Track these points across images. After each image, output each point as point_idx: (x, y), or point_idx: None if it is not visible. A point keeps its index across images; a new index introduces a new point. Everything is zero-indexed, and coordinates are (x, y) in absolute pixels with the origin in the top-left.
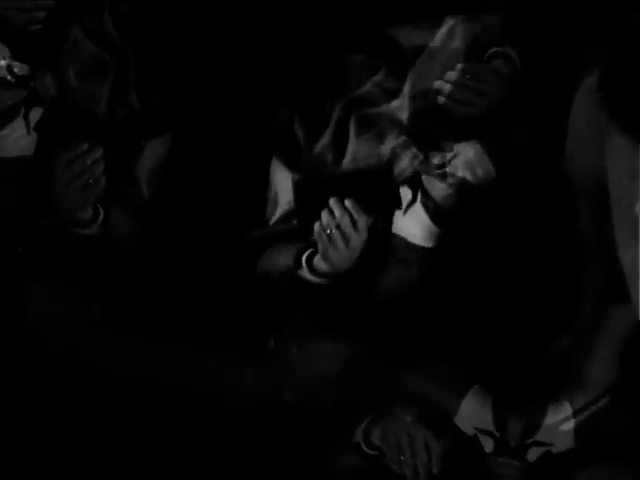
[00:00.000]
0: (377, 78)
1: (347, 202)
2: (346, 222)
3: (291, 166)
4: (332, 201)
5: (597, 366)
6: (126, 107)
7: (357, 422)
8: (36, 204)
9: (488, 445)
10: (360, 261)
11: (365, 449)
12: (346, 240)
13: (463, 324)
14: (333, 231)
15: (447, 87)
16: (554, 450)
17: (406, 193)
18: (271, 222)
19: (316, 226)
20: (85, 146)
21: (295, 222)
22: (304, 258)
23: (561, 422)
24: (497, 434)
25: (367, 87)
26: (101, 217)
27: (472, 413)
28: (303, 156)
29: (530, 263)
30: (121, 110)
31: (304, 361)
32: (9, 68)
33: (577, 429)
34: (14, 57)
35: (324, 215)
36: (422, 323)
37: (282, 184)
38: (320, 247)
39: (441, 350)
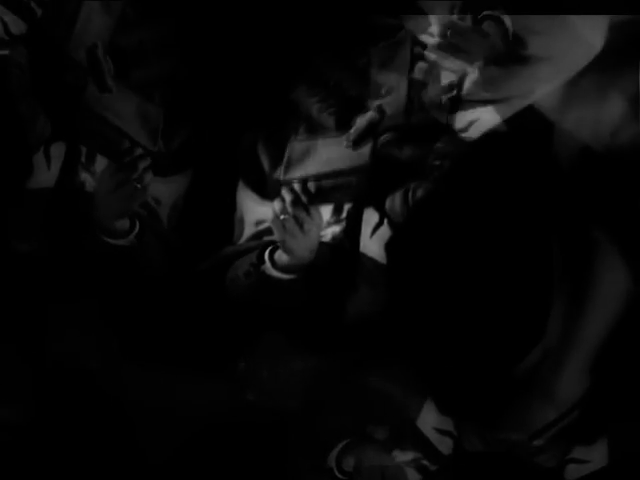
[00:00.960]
0: (319, 105)
1: (297, 188)
2: (298, 208)
3: (256, 189)
4: (283, 189)
5: (567, 380)
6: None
7: (330, 446)
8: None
9: (447, 446)
10: (330, 281)
11: (337, 475)
12: (300, 225)
13: (431, 340)
14: (287, 218)
15: (429, 40)
16: (591, 468)
17: (372, 215)
18: (239, 243)
19: (270, 215)
20: (139, 151)
21: (264, 240)
22: (267, 253)
23: None
24: (456, 433)
25: (315, 111)
26: (137, 229)
27: (433, 415)
28: (268, 178)
29: (499, 279)
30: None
31: (275, 382)
32: (5, 27)
33: (611, 447)
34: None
35: (276, 203)
36: (390, 340)
37: (248, 206)
38: (277, 236)
39: (407, 360)
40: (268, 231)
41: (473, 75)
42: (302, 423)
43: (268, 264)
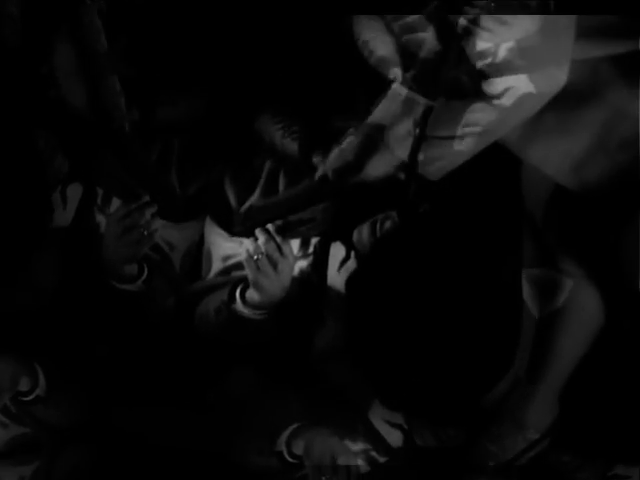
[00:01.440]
0: (282, 131)
1: (270, 228)
2: (272, 247)
3: (223, 225)
4: (257, 230)
5: (536, 409)
6: (166, 186)
7: (280, 429)
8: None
9: (397, 439)
10: (298, 315)
11: (287, 457)
12: (274, 265)
13: (400, 369)
14: (260, 257)
15: (471, 11)
16: None
17: (339, 249)
18: (207, 278)
19: (244, 255)
20: (147, 198)
21: (233, 275)
22: (238, 291)
23: None
24: (406, 427)
25: (278, 138)
26: (145, 274)
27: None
28: (235, 213)
29: (468, 311)
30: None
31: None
32: None
33: None
34: None
35: (250, 243)
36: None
37: (216, 242)
38: (250, 276)
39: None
40: (236, 266)
41: (509, 43)
42: (252, 406)
43: (239, 302)
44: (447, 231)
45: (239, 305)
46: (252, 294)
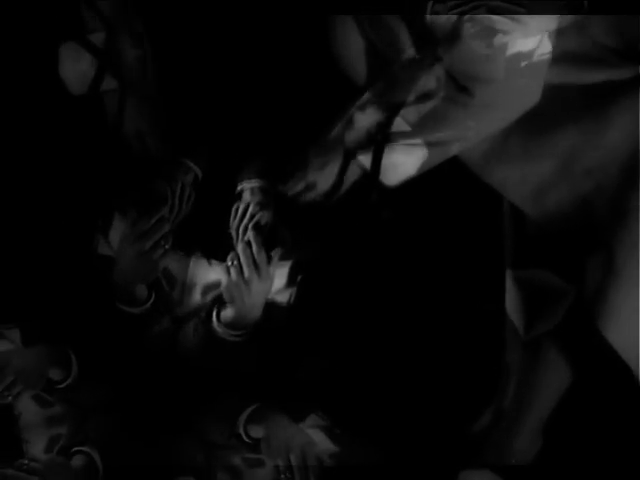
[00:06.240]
0: None
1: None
2: (247, 257)
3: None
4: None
5: (520, 441)
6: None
7: (240, 410)
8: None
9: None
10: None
11: (245, 439)
12: (246, 281)
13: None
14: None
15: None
16: None
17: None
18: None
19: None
20: (164, 211)
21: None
22: (215, 310)
23: None
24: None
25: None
26: (153, 299)
27: None
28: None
29: (450, 344)
30: None
31: None
32: None
33: None
34: None
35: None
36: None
37: (199, 272)
38: (224, 287)
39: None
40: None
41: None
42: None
43: (215, 321)
44: (410, 238)
45: (215, 323)
46: (227, 312)
